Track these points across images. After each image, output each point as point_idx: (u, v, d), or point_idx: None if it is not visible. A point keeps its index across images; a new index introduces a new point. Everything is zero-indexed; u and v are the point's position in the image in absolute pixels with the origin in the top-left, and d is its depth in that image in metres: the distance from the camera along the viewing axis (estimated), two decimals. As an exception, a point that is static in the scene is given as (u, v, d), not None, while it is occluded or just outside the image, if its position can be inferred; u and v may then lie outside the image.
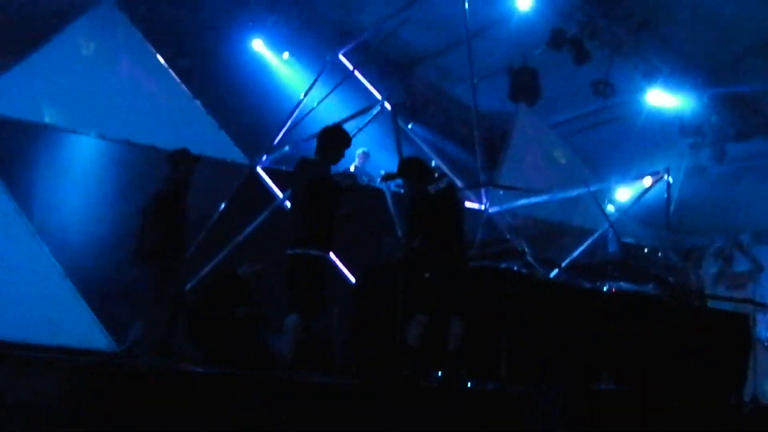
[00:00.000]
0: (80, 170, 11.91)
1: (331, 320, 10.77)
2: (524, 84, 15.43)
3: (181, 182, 9.83)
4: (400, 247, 9.07)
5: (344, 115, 12.91)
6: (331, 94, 14.02)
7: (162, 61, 13.06)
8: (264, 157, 13.45)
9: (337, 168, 8.57)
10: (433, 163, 11.56)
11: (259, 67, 14.65)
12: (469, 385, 8.28)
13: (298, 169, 8.39)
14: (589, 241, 13.37)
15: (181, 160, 9.87)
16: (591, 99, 14.78)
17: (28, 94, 11.73)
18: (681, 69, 14.25)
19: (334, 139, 8.45)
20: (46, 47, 12.07)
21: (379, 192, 11.20)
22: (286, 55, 15.14)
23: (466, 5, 12.91)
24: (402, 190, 9.68)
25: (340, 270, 11.92)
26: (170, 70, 13.07)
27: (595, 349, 9.34)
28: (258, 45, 14.87)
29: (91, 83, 12.26)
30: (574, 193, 13.75)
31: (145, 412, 5.72)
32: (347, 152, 8.56)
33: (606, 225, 12.87)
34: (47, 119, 11.82)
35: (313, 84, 14.04)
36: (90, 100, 12.14)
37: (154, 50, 13.05)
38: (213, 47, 14.12)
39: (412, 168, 8.69)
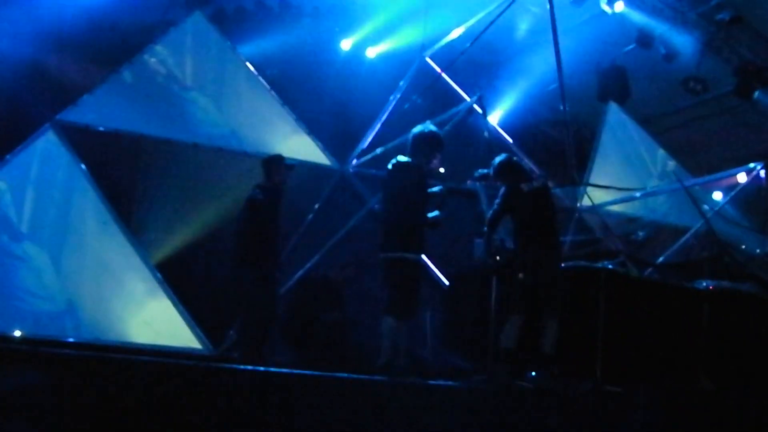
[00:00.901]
0: (174, 178, 12.10)
1: (425, 323, 10.79)
2: (613, 83, 15.30)
3: (274, 189, 9.96)
4: (489, 247, 9.00)
5: (432, 117, 12.93)
6: (419, 96, 14.05)
7: (251, 69, 13.23)
8: (354, 161, 13.52)
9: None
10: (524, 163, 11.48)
11: (346, 71, 14.70)
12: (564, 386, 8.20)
13: (392, 172, 8.41)
14: (684, 239, 13.13)
15: (276, 167, 10.01)
16: (682, 96, 14.58)
17: (122, 106, 11.97)
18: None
19: (428, 141, 8.46)
20: (140, 59, 12.33)
21: (472, 193, 11.18)
22: (372, 52, 15.08)
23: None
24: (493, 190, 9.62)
25: (433, 272, 11.91)
26: (260, 78, 13.23)
27: (692, 348, 9.19)
28: (344, 48, 14.92)
29: (183, 93, 12.48)
30: (668, 190, 13.55)
31: (240, 413, 5.82)
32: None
33: (701, 222, 12.62)
34: (141, 129, 12.04)
35: (402, 87, 14.06)
36: (182, 110, 12.37)
37: (243, 59, 13.23)
38: (300, 53, 14.23)
39: (506, 167, 8.66)
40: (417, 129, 8.61)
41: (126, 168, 12.01)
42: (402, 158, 8.40)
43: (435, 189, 8.43)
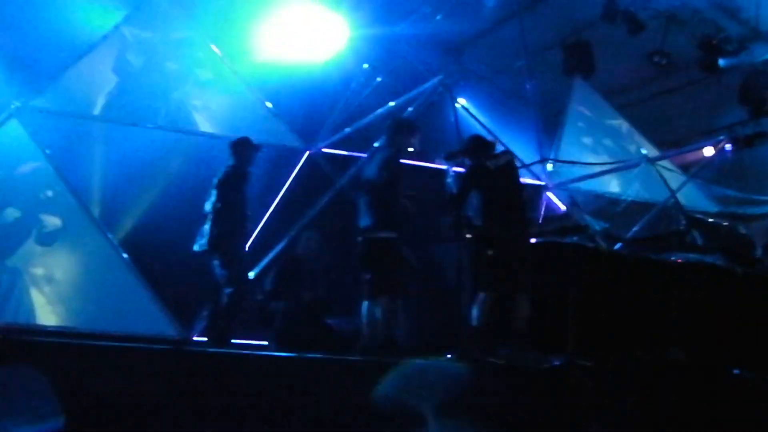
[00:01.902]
0: (141, 162, 12.00)
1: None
2: (579, 58, 15.34)
3: (241, 171, 9.91)
4: (455, 223, 9.09)
5: (398, 97, 12.93)
6: (384, 77, 14.01)
7: (217, 51, 13.14)
8: (321, 142, 13.47)
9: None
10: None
11: (312, 52, 14.60)
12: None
13: (371, 158, 8.68)
14: (652, 213, 13.21)
15: (243, 149, 9.96)
16: (648, 70, 14.64)
17: (87, 90, 11.91)
18: (740, 33, 13.97)
19: (403, 128, 8.73)
20: (103, 43, 12.22)
21: (439, 171, 11.18)
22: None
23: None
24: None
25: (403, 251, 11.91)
26: (226, 60, 13.15)
27: (662, 321, 9.26)
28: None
29: (149, 75, 12.39)
30: (635, 164, 13.62)
31: (214, 396, 5.80)
32: None
33: (668, 196, 12.72)
34: (106, 113, 11.97)
35: (368, 68, 14.01)
36: (147, 92, 12.28)
37: (209, 41, 13.13)
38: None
39: (472, 145, 8.76)
40: (393, 118, 8.99)
41: (92, 154, 11.92)
42: (379, 145, 8.71)
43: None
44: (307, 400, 6.07)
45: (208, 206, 9.80)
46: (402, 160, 8.75)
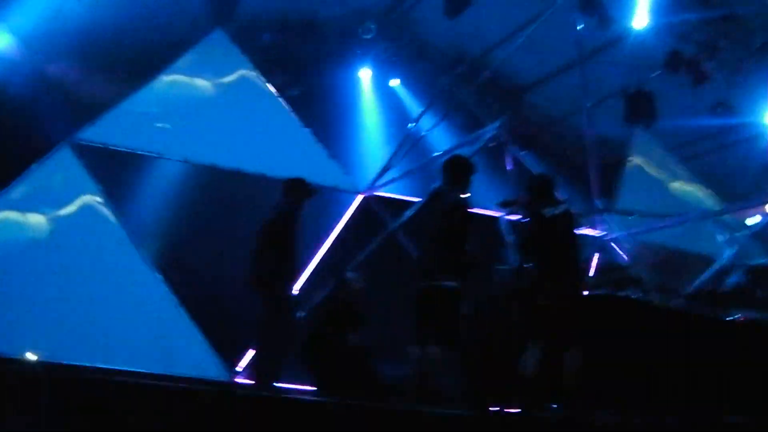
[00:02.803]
0: (192, 199, 12.06)
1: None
2: (640, 107, 15.10)
3: (291, 210, 9.79)
4: (513, 274, 8.89)
5: (453, 144, 12.81)
6: (441, 123, 13.94)
7: (272, 90, 13.15)
8: (374, 185, 13.40)
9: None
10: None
11: (368, 95, 14.61)
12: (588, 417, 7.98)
13: (431, 198, 8.33)
14: (712, 269, 12.88)
15: (295, 189, 9.83)
16: (711, 122, 14.41)
17: (140, 125, 11.97)
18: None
19: (462, 167, 8.38)
20: (159, 78, 12.31)
21: (492, 219, 11.01)
22: (395, 82, 15.05)
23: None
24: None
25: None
26: (281, 99, 13.15)
27: (720, 380, 8.95)
28: (365, 74, 14.81)
29: (203, 113, 12.44)
30: (696, 217, 13.35)
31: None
32: None
33: (730, 251, 12.41)
34: (159, 149, 12.01)
35: (423, 113, 13.94)
36: (201, 130, 12.32)
37: (264, 79, 13.15)
38: (322, 76, 14.15)
39: (536, 187, 8.51)
40: (450, 156, 8.64)
41: (143, 190, 11.96)
42: (438, 186, 8.35)
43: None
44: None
45: (257, 244, 9.72)
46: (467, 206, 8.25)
